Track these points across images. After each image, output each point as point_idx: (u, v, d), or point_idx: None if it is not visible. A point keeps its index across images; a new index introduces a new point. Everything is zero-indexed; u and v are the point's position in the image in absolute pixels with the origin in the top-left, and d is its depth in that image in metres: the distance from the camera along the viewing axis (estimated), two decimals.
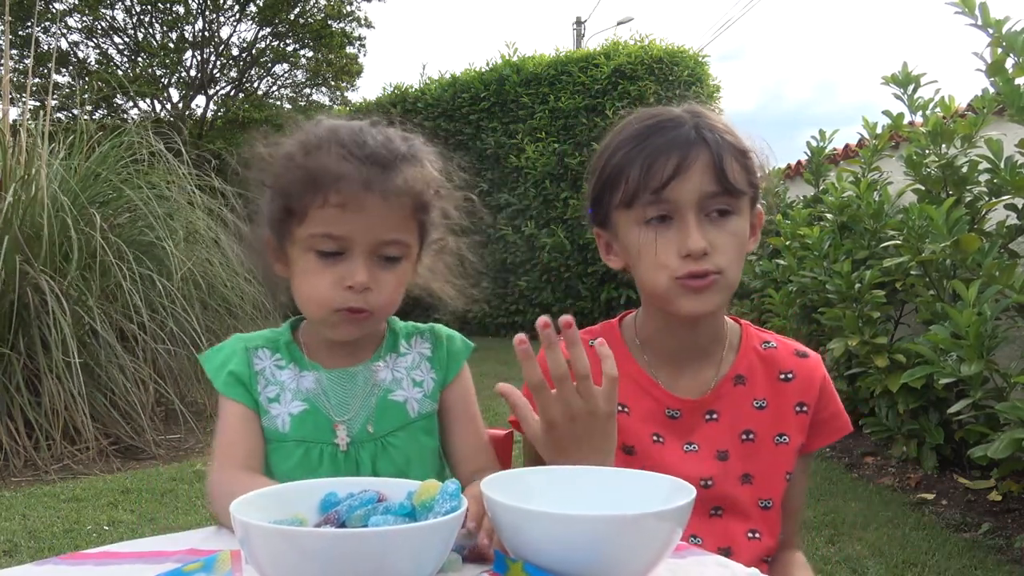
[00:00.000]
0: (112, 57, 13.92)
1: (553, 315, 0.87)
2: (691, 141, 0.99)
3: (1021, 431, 2.28)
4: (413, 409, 1.06)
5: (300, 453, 1.02)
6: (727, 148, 1.00)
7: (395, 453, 1.03)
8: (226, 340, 1.11)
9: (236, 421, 1.03)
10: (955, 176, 3.12)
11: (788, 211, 4.62)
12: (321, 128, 1.01)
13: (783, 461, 1.07)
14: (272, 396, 1.04)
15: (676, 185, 0.98)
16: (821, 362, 1.12)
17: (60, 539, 2.78)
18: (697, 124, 1.01)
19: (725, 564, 0.79)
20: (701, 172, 0.98)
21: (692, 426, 1.07)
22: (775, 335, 1.14)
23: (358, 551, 0.60)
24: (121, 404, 3.91)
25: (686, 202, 0.98)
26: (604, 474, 0.85)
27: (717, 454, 1.06)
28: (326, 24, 13.58)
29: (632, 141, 1.02)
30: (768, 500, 1.06)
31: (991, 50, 2.67)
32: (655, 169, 0.98)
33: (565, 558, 0.67)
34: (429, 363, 1.09)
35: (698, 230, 0.98)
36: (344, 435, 1.02)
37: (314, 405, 1.03)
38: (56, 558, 0.80)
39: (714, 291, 1.00)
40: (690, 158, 0.98)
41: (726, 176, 0.98)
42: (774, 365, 1.09)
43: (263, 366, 1.06)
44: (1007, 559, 2.52)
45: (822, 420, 1.09)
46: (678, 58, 8.08)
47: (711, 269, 0.98)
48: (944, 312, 2.65)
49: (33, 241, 3.92)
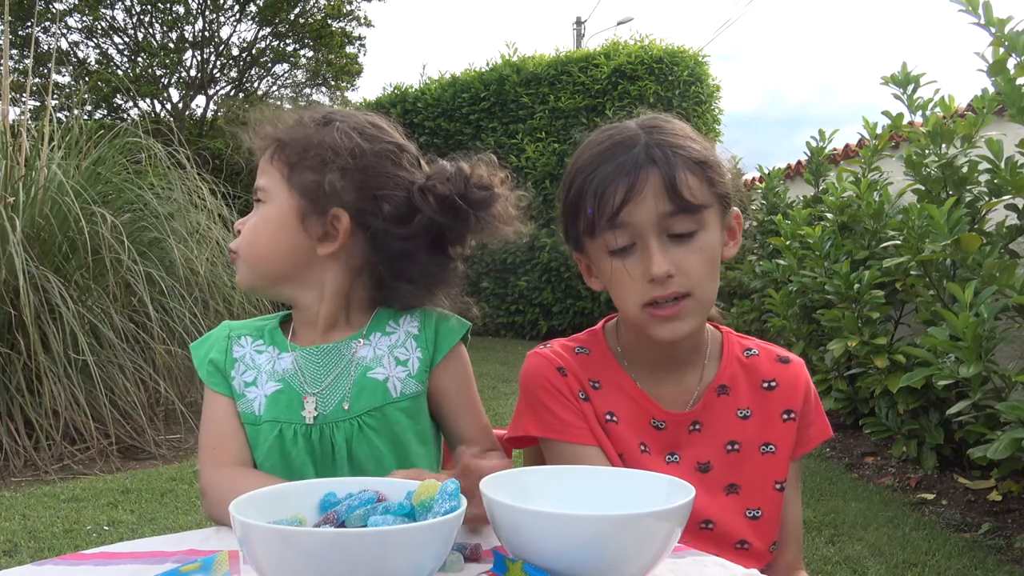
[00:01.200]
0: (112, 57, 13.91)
1: (553, 315, 0.87)
2: (639, 164, 0.96)
3: (1021, 431, 2.28)
4: (395, 388, 1.03)
5: (275, 434, 1.01)
6: (681, 163, 0.97)
7: (372, 435, 1.01)
8: (212, 330, 1.12)
9: (221, 416, 1.04)
10: (955, 176, 3.12)
11: (788, 211, 4.62)
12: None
13: (771, 471, 1.05)
14: (249, 380, 1.04)
15: (629, 210, 0.96)
16: (804, 367, 1.11)
17: (60, 539, 2.78)
18: (648, 143, 0.98)
19: (725, 565, 0.79)
20: (654, 194, 0.96)
21: (676, 437, 1.06)
22: (757, 341, 1.12)
23: (357, 551, 0.60)
24: (121, 404, 3.91)
25: (644, 226, 0.96)
26: (604, 474, 0.85)
27: (698, 466, 1.04)
28: (326, 24, 13.58)
29: (585, 170, 1.01)
30: (756, 510, 1.04)
31: (992, 50, 2.67)
32: (606, 198, 0.96)
33: (565, 558, 0.67)
34: (415, 341, 1.06)
35: (661, 253, 0.96)
36: (312, 408, 1.01)
37: (288, 384, 1.02)
38: (56, 559, 0.80)
39: (686, 315, 0.98)
40: (639, 181, 0.95)
41: (680, 193, 0.96)
42: (757, 373, 1.08)
43: (243, 352, 1.06)
44: (1007, 559, 2.52)
45: (804, 426, 1.08)
46: (678, 58, 8.07)
47: (679, 292, 0.97)
48: (942, 314, 2.65)
49: (34, 241, 3.92)
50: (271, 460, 1.01)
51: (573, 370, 1.07)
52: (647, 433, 1.06)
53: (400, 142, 1.06)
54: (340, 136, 1.01)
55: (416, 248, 1.03)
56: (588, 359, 1.09)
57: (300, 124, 1.05)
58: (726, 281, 5.31)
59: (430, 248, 1.05)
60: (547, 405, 1.05)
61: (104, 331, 3.92)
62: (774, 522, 1.05)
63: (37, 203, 4.05)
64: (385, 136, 1.05)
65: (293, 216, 1.02)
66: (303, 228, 1.01)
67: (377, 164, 1.02)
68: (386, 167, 1.02)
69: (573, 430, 1.04)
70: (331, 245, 1.02)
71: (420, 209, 1.01)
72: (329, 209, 1.01)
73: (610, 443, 1.05)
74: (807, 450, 1.09)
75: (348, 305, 1.07)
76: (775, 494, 1.05)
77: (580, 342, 1.12)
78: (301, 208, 1.01)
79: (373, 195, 1.01)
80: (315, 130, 1.03)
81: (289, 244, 1.02)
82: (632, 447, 1.05)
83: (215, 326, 1.12)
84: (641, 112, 1.09)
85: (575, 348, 1.11)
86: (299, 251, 1.03)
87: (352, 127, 1.03)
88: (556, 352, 1.09)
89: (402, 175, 1.03)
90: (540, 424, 1.06)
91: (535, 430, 1.06)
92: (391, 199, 1.01)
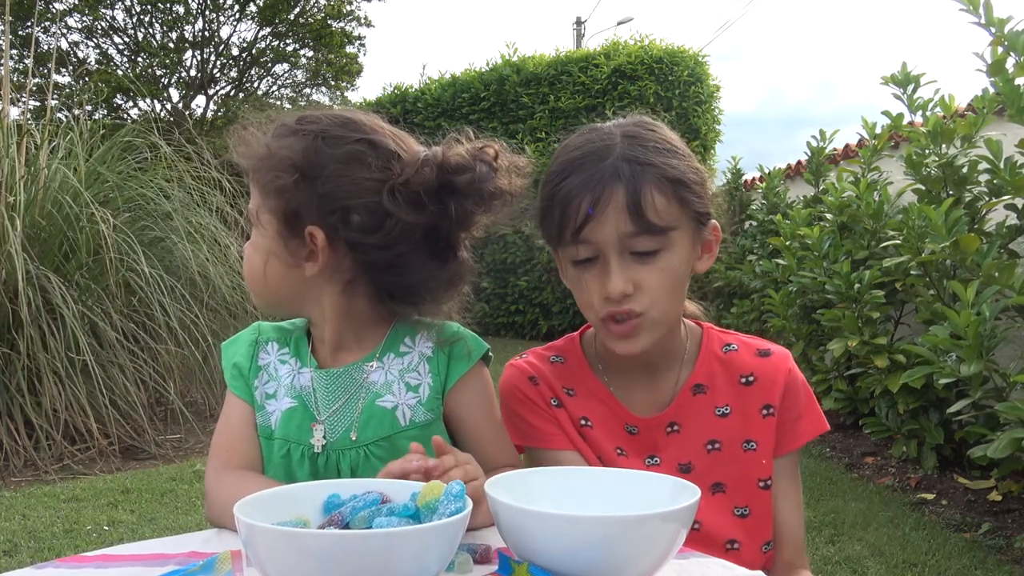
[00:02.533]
0: (112, 57, 13.91)
1: (553, 315, 0.87)
2: (605, 180, 0.94)
3: (1021, 431, 2.28)
4: (404, 416, 0.99)
5: (283, 452, 1.00)
6: (650, 181, 0.94)
7: (378, 464, 0.95)
8: (246, 328, 1.10)
9: (237, 420, 1.03)
10: (955, 176, 3.12)
11: (788, 211, 4.62)
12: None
13: (754, 468, 1.03)
14: (270, 392, 1.03)
15: (592, 228, 0.94)
16: (787, 358, 1.07)
17: (60, 539, 2.77)
18: (621, 155, 0.95)
19: (728, 566, 0.79)
20: (616, 212, 0.93)
21: (652, 441, 1.05)
22: (738, 336, 1.10)
23: (362, 553, 0.60)
24: (121, 404, 3.90)
25: (606, 243, 0.95)
26: (608, 475, 0.84)
27: (679, 467, 1.04)
28: (326, 24, 13.59)
29: (555, 177, 0.99)
30: (744, 508, 1.03)
31: (992, 49, 2.67)
32: (569, 212, 0.95)
33: (570, 559, 0.67)
34: (428, 364, 1.01)
35: (619, 272, 0.95)
36: (320, 436, 0.99)
37: (303, 403, 1.01)
38: (56, 561, 0.79)
39: (639, 333, 0.98)
40: (603, 199, 0.93)
41: (644, 215, 0.93)
42: (735, 368, 1.06)
43: (267, 361, 1.05)
44: (1007, 559, 2.52)
45: (789, 420, 1.05)
46: (678, 58, 8.07)
47: (634, 310, 0.96)
48: (943, 313, 2.65)
49: (34, 241, 3.92)
50: (277, 477, 1.01)
51: (546, 378, 1.08)
52: (622, 438, 1.06)
53: (370, 137, 0.96)
54: (300, 146, 0.94)
55: (404, 254, 0.95)
56: (563, 367, 1.10)
57: (267, 138, 0.98)
58: (726, 281, 5.31)
59: (426, 249, 0.97)
60: (520, 414, 1.07)
61: (104, 331, 3.91)
62: (764, 520, 1.04)
63: (37, 203, 4.04)
64: (352, 134, 0.96)
65: (276, 240, 0.97)
66: (287, 251, 0.96)
67: (339, 171, 0.93)
68: (351, 171, 0.93)
69: (549, 437, 1.05)
70: (315, 265, 0.96)
71: (392, 212, 0.92)
72: (304, 227, 0.95)
73: (588, 447, 1.05)
74: (799, 444, 1.05)
75: (353, 323, 1.01)
76: (761, 492, 1.04)
77: (556, 350, 1.12)
78: (279, 230, 0.96)
79: (340, 206, 0.93)
80: (277, 144, 0.96)
81: (278, 269, 0.98)
82: (608, 451, 1.05)
83: (215, 325, 1.11)
84: (636, 112, 1.07)
85: (550, 357, 1.11)
86: (290, 275, 0.98)
87: (317, 133, 0.95)
88: (529, 362, 1.10)
89: (372, 176, 0.93)
90: (517, 433, 1.07)
91: (515, 439, 1.07)
92: (359, 208, 0.93)
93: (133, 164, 4.82)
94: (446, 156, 0.96)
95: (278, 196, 0.95)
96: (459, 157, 0.96)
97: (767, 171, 5.41)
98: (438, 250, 0.99)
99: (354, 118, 0.98)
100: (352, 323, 1.01)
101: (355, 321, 1.01)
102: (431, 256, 0.98)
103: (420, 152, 0.97)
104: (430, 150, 0.97)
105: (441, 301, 1.01)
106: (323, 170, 0.93)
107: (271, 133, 0.99)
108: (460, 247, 1.01)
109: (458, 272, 1.01)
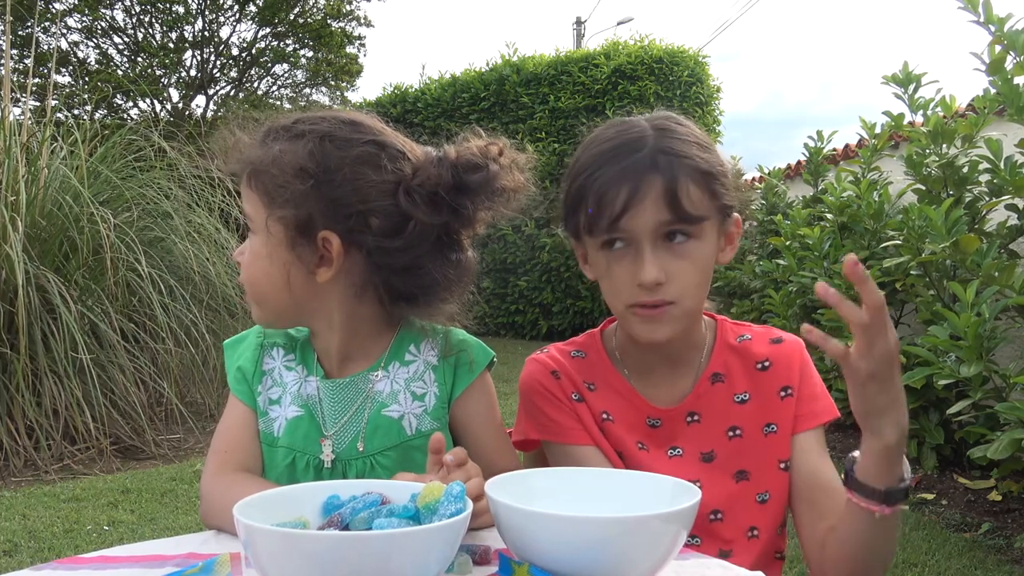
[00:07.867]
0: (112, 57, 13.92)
1: (553, 315, 0.86)
2: (643, 170, 0.95)
3: (1021, 431, 2.28)
4: (410, 426, 0.98)
5: (288, 461, 0.99)
6: (685, 172, 0.96)
7: (385, 474, 0.95)
8: (249, 329, 1.08)
9: (238, 424, 1.02)
10: (955, 176, 3.12)
11: (788, 211, 4.62)
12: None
13: (775, 450, 1.05)
14: (274, 398, 1.02)
15: (629, 218, 0.96)
16: (801, 345, 1.08)
17: (60, 539, 2.77)
18: (656, 147, 0.97)
19: (727, 567, 0.79)
20: (654, 202, 0.95)
21: (674, 432, 1.06)
22: (752, 327, 1.12)
23: (362, 554, 0.60)
24: (121, 404, 3.90)
25: (641, 232, 0.96)
26: (609, 476, 0.84)
27: (701, 456, 1.05)
28: (326, 24, 13.59)
29: (589, 167, 0.99)
30: (765, 493, 1.05)
31: (990, 49, 2.67)
32: (607, 201, 0.96)
33: (570, 560, 0.67)
34: (434, 373, 1.01)
35: (652, 260, 0.96)
36: (329, 451, 0.98)
37: (309, 412, 0.99)
38: (55, 562, 0.79)
39: (667, 320, 0.99)
40: (642, 190, 0.95)
41: (680, 205, 0.95)
42: (750, 356, 1.08)
43: (272, 366, 1.03)
44: (1007, 559, 2.52)
45: (807, 398, 1.06)
46: (678, 58, 8.07)
47: (664, 299, 0.97)
48: (943, 313, 2.65)
49: (34, 241, 3.91)
50: (281, 484, 1.00)
51: (567, 373, 1.09)
52: (643, 431, 1.07)
53: (379, 139, 0.94)
54: (309, 150, 0.91)
55: (421, 256, 0.94)
56: (584, 362, 1.11)
57: (267, 141, 0.95)
58: (726, 281, 5.31)
59: (439, 249, 0.96)
60: (542, 409, 1.07)
61: (104, 331, 3.91)
62: (780, 503, 1.06)
63: (38, 203, 4.04)
64: (361, 136, 0.94)
65: (282, 246, 0.93)
66: (296, 257, 0.93)
67: (354, 174, 0.91)
68: (365, 174, 0.91)
69: (569, 431, 1.06)
70: (329, 270, 0.94)
71: (411, 215, 0.91)
72: (317, 232, 0.92)
73: (607, 442, 1.06)
74: (815, 424, 1.05)
75: (359, 330, 1.00)
76: (780, 474, 1.05)
77: (577, 345, 1.13)
78: (288, 237, 0.93)
79: (357, 210, 0.91)
80: (282, 147, 0.93)
81: (286, 277, 0.94)
82: (630, 445, 1.06)
83: (215, 326, 1.10)
84: (642, 112, 1.08)
85: (571, 352, 1.12)
86: (298, 282, 0.95)
87: (323, 135, 0.93)
88: (551, 356, 1.11)
89: (386, 178, 0.91)
90: (537, 427, 1.07)
91: (534, 433, 1.08)
92: (378, 211, 0.91)
93: (133, 164, 4.82)
94: (459, 155, 0.95)
95: (289, 203, 0.91)
96: (471, 155, 0.95)
97: (767, 171, 5.41)
98: (450, 250, 0.98)
99: (357, 119, 0.97)
100: (358, 331, 1.00)
101: (361, 328, 1.00)
102: (444, 256, 0.97)
103: (431, 152, 0.96)
104: (441, 149, 0.97)
105: (449, 301, 1.00)
106: (335, 174, 0.91)
107: (266, 137, 0.96)
108: (465, 245, 1.00)
109: (466, 271, 1.00)
